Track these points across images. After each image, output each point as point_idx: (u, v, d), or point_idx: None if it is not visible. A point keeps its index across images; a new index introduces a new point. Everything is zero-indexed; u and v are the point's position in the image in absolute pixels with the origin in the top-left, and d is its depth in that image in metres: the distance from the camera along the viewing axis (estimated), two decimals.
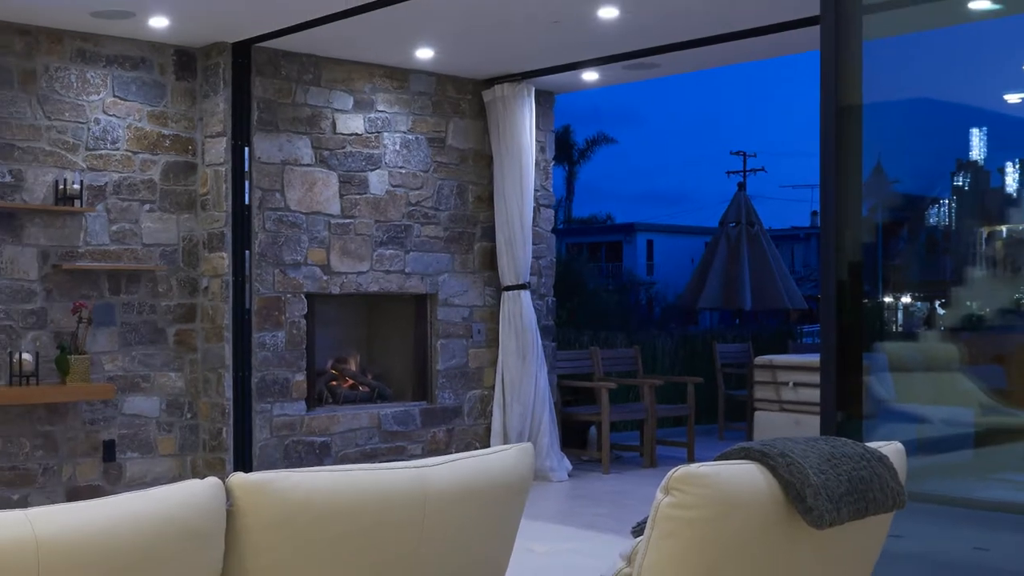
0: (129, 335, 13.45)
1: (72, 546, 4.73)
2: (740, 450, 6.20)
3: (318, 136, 14.46)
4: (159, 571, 4.99)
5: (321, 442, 14.53)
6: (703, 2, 11.78)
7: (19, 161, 12.57)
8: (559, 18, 12.55)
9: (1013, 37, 8.78)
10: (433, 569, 6.19)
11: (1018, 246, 9.27)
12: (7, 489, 12.54)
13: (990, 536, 9.01)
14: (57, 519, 4.67)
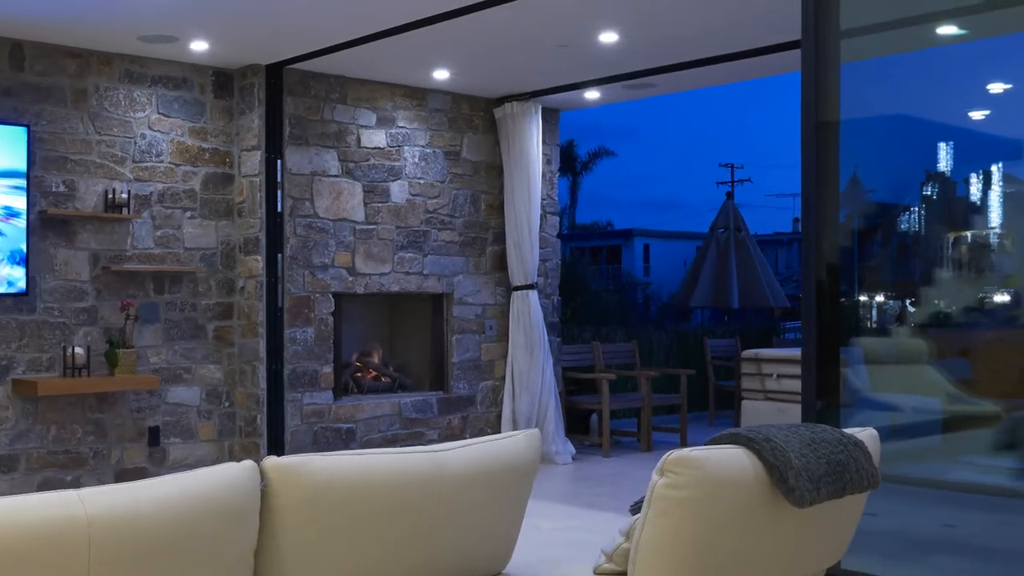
0: (172, 331, 13.47)
1: (120, 523, 4.74)
2: (728, 435, 6.24)
3: (344, 150, 14.47)
4: (200, 546, 5.01)
5: (347, 428, 14.54)
6: (695, 28, 11.79)
7: (72, 172, 12.59)
8: (564, 42, 12.56)
9: (977, 59, 8.78)
10: (448, 544, 6.20)
11: (981, 250, 9.28)
12: (61, 471, 12.56)
13: (957, 514, 9.00)
14: (106, 499, 4.69)
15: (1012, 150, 8.83)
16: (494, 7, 10.98)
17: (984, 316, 9.42)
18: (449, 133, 15.52)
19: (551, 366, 15.94)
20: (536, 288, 16.03)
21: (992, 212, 9.33)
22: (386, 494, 5.71)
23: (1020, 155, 8.82)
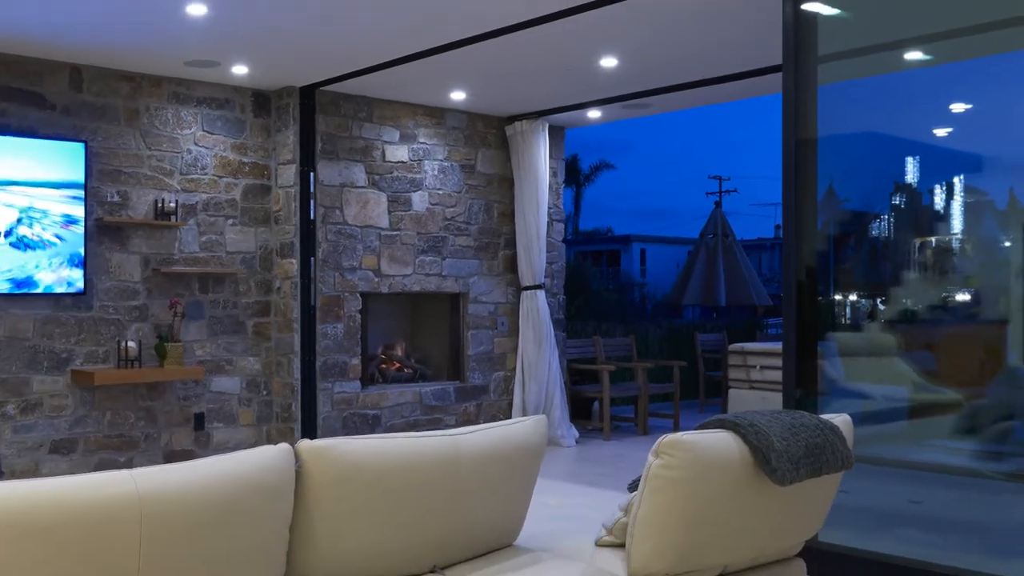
0: (215, 326, 13.48)
1: (168, 500, 4.76)
2: (716, 421, 6.30)
3: (370, 163, 14.46)
4: (241, 521, 5.02)
5: (373, 414, 14.55)
6: (686, 54, 11.78)
7: (125, 184, 12.59)
8: (569, 67, 12.57)
9: (941, 82, 8.76)
10: (465, 519, 6.21)
11: (944, 254, 9.28)
12: (115, 453, 12.58)
13: (922, 491, 9.00)
14: (156, 478, 4.72)
15: (972, 164, 8.83)
16: (505, 35, 10.99)
17: (947, 313, 9.42)
18: (465, 148, 15.52)
19: (557, 358, 15.94)
20: (543, 288, 16.00)
21: (954, 220, 9.33)
22: (408, 474, 5.73)
23: (980, 168, 8.82)
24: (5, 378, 11.80)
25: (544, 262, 16.12)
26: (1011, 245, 8.83)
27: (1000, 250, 8.96)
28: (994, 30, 8.26)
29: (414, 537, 5.85)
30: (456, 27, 10.91)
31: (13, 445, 11.86)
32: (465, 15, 10.49)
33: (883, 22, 8.59)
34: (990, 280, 9.20)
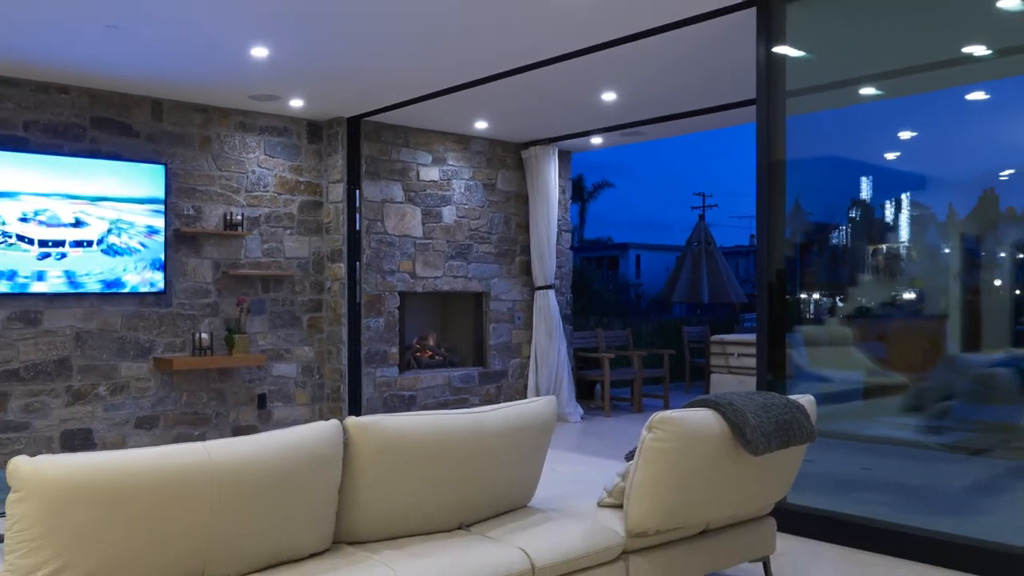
0: (275, 320, 13.48)
1: (236, 467, 4.80)
2: (700, 401, 6.38)
3: (407, 182, 14.45)
4: (297, 485, 5.07)
5: (409, 395, 14.54)
6: (675, 90, 11.78)
7: (199, 200, 12.62)
8: (575, 101, 12.57)
9: (890, 114, 8.76)
10: (488, 484, 6.25)
11: (893, 259, 9.28)
12: (190, 427, 12.60)
13: (873, 460, 9.00)
14: (226, 449, 4.79)
15: (917, 183, 8.82)
16: (520, 74, 11.01)
17: (895, 310, 9.43)
18: (487, 170, 15.49)
19: (564, 347, 15.93)
20: (553, 288, 15.97)
21: (902, 230, 9.34)
22: (439, 445, 5.75)
23: (923, 186, 8.81)
24: (97, 364, 11.83)
25: (554, 266, 16.10)
26: (950, 252, 8.82)
27: (941, 256, 8.96)
28: (934, 70, 8.26)
29: (444, 499, 5.88)
30: (479, 67, 10.93)
31: (104, 421, 11.89)
32: (486, 57, 10.51)
33: (841, 63, 8.59)
34: (932, 282, 9.20)
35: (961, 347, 8.93)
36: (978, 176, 8.51)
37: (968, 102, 8.31)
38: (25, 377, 11.32)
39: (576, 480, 7.40)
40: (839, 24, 8.43)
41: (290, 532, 5.24)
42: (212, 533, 4.95)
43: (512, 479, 6.28)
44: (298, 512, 5.23)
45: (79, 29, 9.51)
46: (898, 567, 7.69)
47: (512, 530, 6.05)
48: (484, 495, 6.14)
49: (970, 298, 9.01)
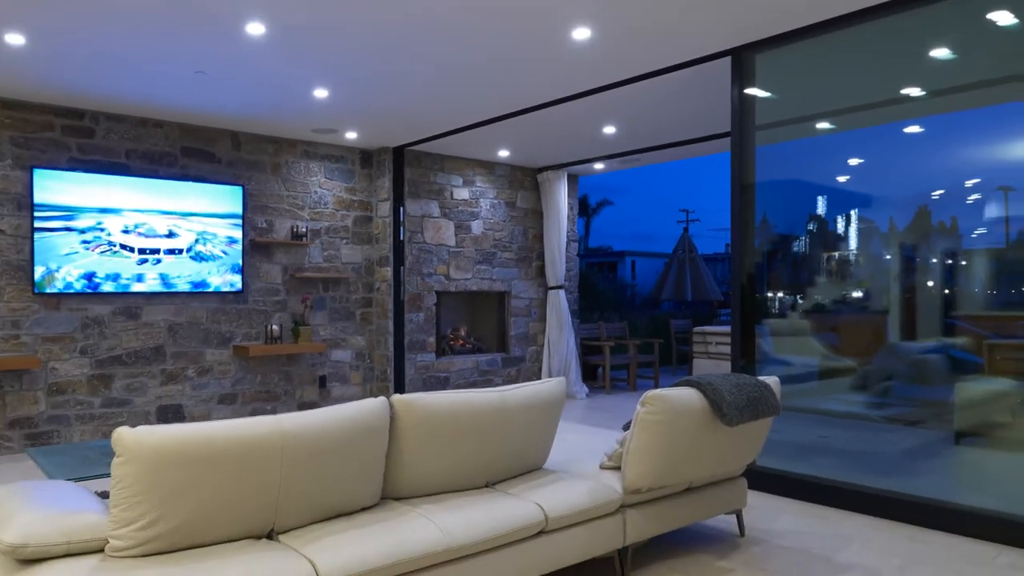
0: (334, 315, 13.48)
1: (301, 435, 4.80)
2: (684, 381, 6.37)
3: (442, 200, 14.44)
4: (352, 450, 5.07)
5: (444, 376, 14.54)
6: (664, 124, 11.75)
7: (271, 215, 12.63)
8: (581, 133, 12.56)
9: (841, 144, 8.73)
10: (509, 449, 6.25)
11: (844, 264, 9.25)
12: (263, 403, 12.61)
13: (827, 430, 8.97)
14: (293, 420, 4.79)
15: (863, 201, 8.79)
16: (536, 111, 11.00)
17: (845, 306, 9.39)
18: (508, 190, 15.48)
19: (572, 337, 15.91)
20: (563, 288, 15.94)
21: (851, 240, 9.30)
22: (468, 418, 5.76)
23: (869, 204, 8.77)
24: (186, 351, 11.85)
25: (564, 270, 16.07)
26: (890, 258, 8.78)
27: (883, 262, 8.91)
28: (878, 108, 8.23)
29: (472, 461, 5.89)
30: (501, 106, 10.92)
31: (192, 398, 11.91)
32: (507, 98, 10.50)
33: (801, 102, 8.56)
34: (876, 283, 9.16)
35: (900, 337, 8.88)
36: (914, 196, 8.48)
37: (905, 134, 8.27)
38: (127, 362, 11.34)
39: (582, 447, 7.40)
40: (799, 70, 8.41)
41: (346, 490, 5.26)
42: (281, 491, 4.98)
43: (529, 446, 6.29)
44: (352, 473, 5.26)
45: (173, 74, 9.53)
46: (847, 518, 7.68)
47: (529, 488, 6.06)
48: (506, 459, 6.16)
49: (907, 296, 8.97)
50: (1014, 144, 7.77)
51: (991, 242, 8.21)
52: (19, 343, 10.49)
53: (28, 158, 10.49)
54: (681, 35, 8.31)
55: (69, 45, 8.58)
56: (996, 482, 7.70)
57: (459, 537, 5.36)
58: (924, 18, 7.50)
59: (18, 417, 10.51)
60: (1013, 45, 7.33)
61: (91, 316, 11.04)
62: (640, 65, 9.18)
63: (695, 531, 7.35)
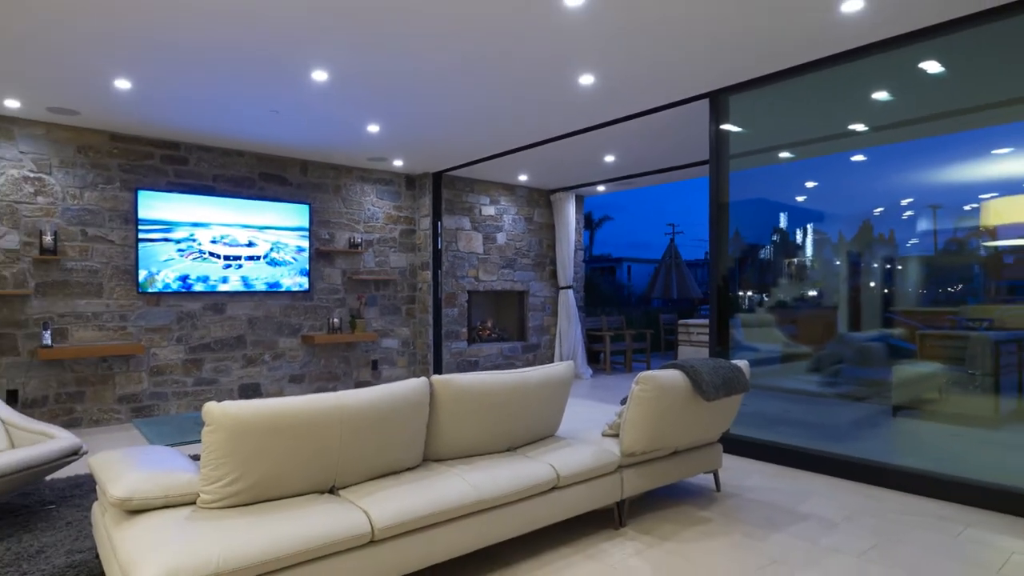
0: (383, 310, 13.47)
1: (357, 408, 4.80)
2: (670, 364, 6.34)
3: (472, 216, 14.43)
4: (398, 421, 5.06)
5: (473, 360, 14.52)
6: (655, 153, 11.71)
7: (332, 228, 12.64)
8: (586, 161, 12.53)
9: (799, 170, 8.70)
10: (527, 420, 6.23)
11: (802, 268, 9.24)
12: (326, 382, 12.61)
13: (788, 404, 8.95)
14: (351, 396, 4.79)
15: (816, 217, 8.78)
16: (549, 143, 10.99)
17: (802, 302, 9.38)
18: (527, 208, 15.46)
19: (579, 328, 15.88)
20: (571, 288, 15.91)
21: (807, 249, 9.29)
22: (494, 394, 5.75)
23: (822, 219, 8.76)
24: (263, 339, 11.88)
25: (572, 273, 16.04)
26: (839, 264, 8.76)
27: (833, 266, 8.89)
28: (829, 140, 8.21)
29: (497, 430, 5.89)
30: (521, 139, 10.91)
31: (268, 378, 11.93)
32: (526, 133, 10.49)
33: (766, 135, 8.54)
34: (828, 284, 9.13)
35: (847, 328, 8.87)
36: (858, 212, 8.46)
37: (852, 162, 8.25)
38: (215, 348, 11.37)
39: (587, 418, 7.41)
40: (765, 109, 8.38)
41: (394, 453, 5.27)
42: (340, 454, 5.00)
43: (543, 417, 6.29)
44: (399, 439, 5.26)
45: (252, 113, 9.55)
46: (805, 476, 7.66)
47: (544, 452, 6.07)
48: (524, 428, 6.16)
49: (853, 295, 8.95)
50: (940, 170, 7.76)
51: (922, 250, 8.20)
52: (126, 333, 10.54)
53: (133, 181, 10.53)
54: (667, 82, 8.30)
55: (167, 90, 8.61)
56: (926, 447, 7.68)
57: (486, 492, 5.37)
58: (867, 67, 7.48)
59: (125, 394, 10.55)
60: (938, 88, 7.31)
61: (185, 311, 11.08)
62: (634, 105, 9.17)
63: (680, 487, 7.34)
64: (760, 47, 7.40)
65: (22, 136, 9.76)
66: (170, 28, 6.95)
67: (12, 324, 9.71)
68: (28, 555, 5.76)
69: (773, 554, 5.85)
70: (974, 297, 7.90)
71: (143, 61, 7.70)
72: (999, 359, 7.79)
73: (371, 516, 4.87)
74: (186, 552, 4.40)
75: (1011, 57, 6.65)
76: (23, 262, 9.77)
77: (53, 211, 9.99)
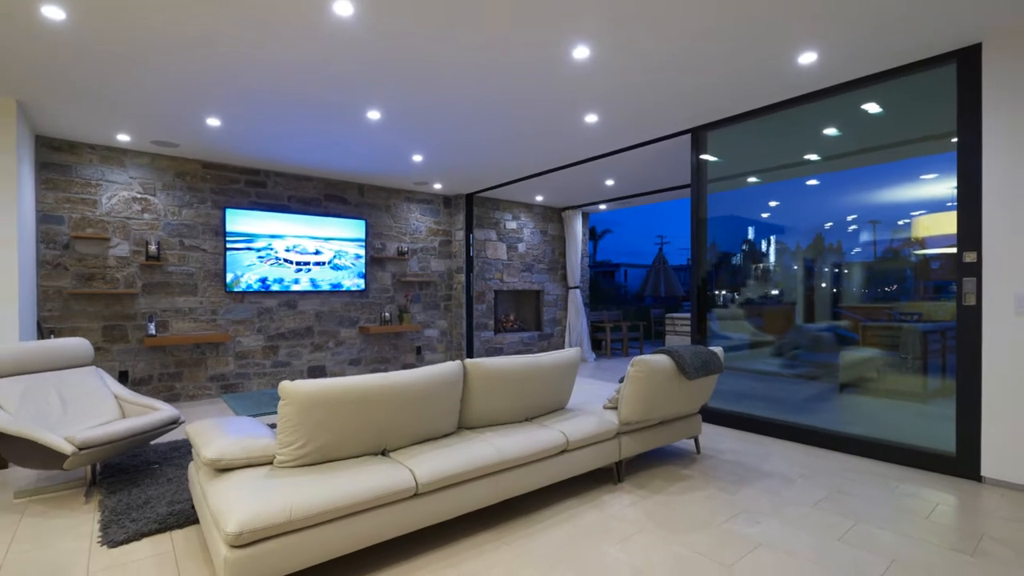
0: (426, 306, 13.45)
1: (404, 386, 4.82)
2: (659, 350, 6.33)
3: (498, 230, 14.41)
4: (437, 396, 5.08)
5: (499, 347, 14.51)
6: (647, 177, 11.68)
7: (384, 239, 12.64)
8: (591, 185, 12.51)
9: (764, 192, 8.66)
10: (542, 395, 6.24)
11: (766, 272, 9.19)
12: (379, 365, 12.61)
13: (755, 383, 8.91)
14: (399, 376, 4.80)
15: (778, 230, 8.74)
16: (561, 170, 10.98)
17: (767, 300, 9.32)
18: (543, 223, 15.43)
19: (585, 320, 15.83)
20: (579, 288, 15.88)
21: (771, 256, 9.25)
22: (515, 374, 5.77)
23: (783, 232, 8.72)
24: (327, 330, 11.90)
25: (579, 276, 16.01)
26: (797, 268, 8.71)
27: (792, 271, 8.85)
28: (788, 167, 8.18)
29: (518, 404, 5.91)
30: (537, 166, 10.90)
31: (331, 361, 11.95)
32: (541, 162, 10.49)
33: (737, 164, 8.52)
34: (787, 285, 9.09)
35: (803, 320, 8.82)
36: (812, 226, 8.41)
37: (807, 185, 8.21)
38: (288, 337, 11.42)
39: (591, 394, 7.42)
40: (736, 142, 8.37)
41: (433, 422, 5.30)
42: (389, 423, 5.03)
43: (556, 393, 6.30)
44: (438, 411, 5.28)
45: (318, 145, 9.60)
46: (769, 441, 7.64)
47: (556, 421, 6.08)
48: (540, 402, 6.17)
49: (808, 293, 8.90)
50: (879, 192, 7.74)
51: (864, 257, 8.15)
52: (216, 325, 10.60)
53: (222, 201, 10.60)
54: (657, 121, 8.31)
55: (250, 127, 8.68)
56: (867, 417, 7.66)
57: (509, 453, 5.39)
58: (819, 108, 7.49)
59: (215, 374, 10.61)
60: (877, 125, 7.30)
61: (264, 307, 11.13)
62: (630, 139, 9.17)
63: (667, 450, 7.34)
64: (733, 91, 7.42)
65: (132, 164, 9.84)
66: (252, 78, 7.04)
67: (123, 317, 9.81)
68: (136, 505, 5.86)
69: (743, 504, 5.86)
70: (906, 295, 7.87)
71: (230, 104, 7.79)
72: (926, 346, 7.77)
73: (415, 473, 4.90)
74: (265, 503, 4.45)
75: (934, 100, 6.67)
76: (132, 267, 9.86)
77: (157, 225, 10.07)
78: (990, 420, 6.27)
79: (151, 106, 7.89)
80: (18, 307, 7.58)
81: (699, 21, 6.02)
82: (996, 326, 6.23)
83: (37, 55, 6.53)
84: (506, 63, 6.71)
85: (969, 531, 5.42)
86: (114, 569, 4.87)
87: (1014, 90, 6.15)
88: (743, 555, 5.08)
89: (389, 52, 6.52)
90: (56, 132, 8.92)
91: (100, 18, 5.93)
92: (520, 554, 5.06)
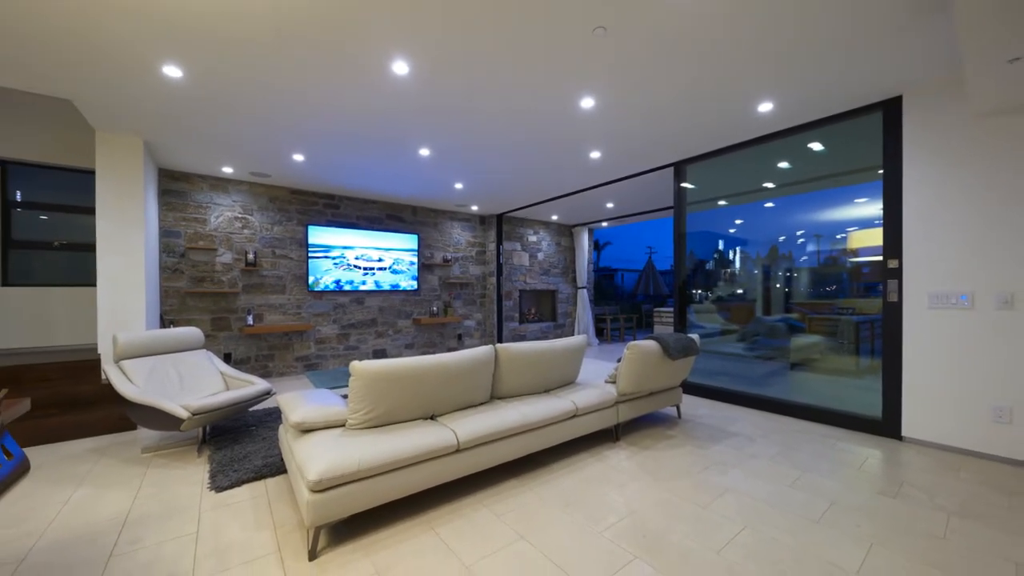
0: (465, 302, 13.42)
1: (449, 365, 4.86)
2: (649, 337, 6.33)
3: (522, 242, 14.40)
4: (475, 372, 5.12)
5: (523, 335, 14.46)
6: (641, 199, 11.64)
7: (432, 249, 12.67)
8: (594, 207, 12.48)
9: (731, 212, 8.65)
10: (557, 372, 6.29)
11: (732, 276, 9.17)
12: (428, 349, 12.61)
13: (724, 363, 8.90)
14: (444, 357, 4.86)
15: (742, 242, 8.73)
16: (571, 195, 10.98)
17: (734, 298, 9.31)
18: (557, 236, 15.38)
19: (590, 313, 15.78)
20: (585, 288, 15.84)
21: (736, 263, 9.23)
22: (535, 356, 5.81)
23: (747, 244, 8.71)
24: (388, 321, 11.93)
25: (586, 278, 15.96)
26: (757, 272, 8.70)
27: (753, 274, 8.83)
28: (750, 192, 8.18)
29: (537, 379, 5.95)
30: (553, 191, 10.90)
31: (391, 346, 11.98)
32: (556, 188, 10.49)
33: (710, 190, 8.51)
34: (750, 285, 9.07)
35: (762, 313, 8.82)
36: (769, 239, 8.41)
37: (765, 207, 8.22)
38: (357, 327, 11.49)
39: (595, 370, 7.43)
40: (709, 173, 8.37)
41: (471, 393, 5.35)
42: (436, 394, 5.09)
43: (567, 370, 6.33)
44: (474, 384, 5.34)
45: (381, 175, 9.67)
46: (735, 409, 7.63)
47: (567, 393, 6.11)
48: (555, 377, 6.20)
49: (766, 292, 8.89)
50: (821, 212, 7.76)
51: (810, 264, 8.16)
52: (300, 317, 10.71)
53: (305, 220, 10.70)
54: (648, 156, 8.33)
55: (327, 161, 8.79)
56: (811, 389, 7.65)
57: (531, 417, 5.45)
58: (775, 146, 7.49)
59: (300, 356, 10.72)
60: (820, 160, 7.32)
61: (338, 303, 11.22)
62: (626, 170, 9.18)
63: (655, 416, 7.35)
64: (707, 134, 7.44)
65: (234, 191, 9.97)
66: (329, 123, 7.14)
67: (228, 311, 9.94)
68: (238, 458, 5.96)
69: (714, 457, 5.89)
70: (843, 294, 7.87)
71: (312, 143, 7.90)
72: (859, 333, 7.79)
73: (457, 434, 4.97)
74: (339, 456, 4.53)
75: (866, 140, 6.69)
76: (234, 272, 9.98)
77: (254, 239, 10.20)
78: (909, 391, 6.31)
79: (249, 145, 8.02)
80: (145, 303, 7.73)
81: (679, 82, 6.07)
82: (914, 319, 6.28)
83: (160, 104, 6.68)
84: (530, 108, 6.78)
85: (892, 479, 5.46)
86: (220, 508, 5.02)
87: (927, 131, 6.23)
88: (715, 498, 5.14)
89: (436, 103, 6.60)
90: (174, 165, 9.07)
91: (210, 75, 6.05)
92: (539, 496, 5.14)
